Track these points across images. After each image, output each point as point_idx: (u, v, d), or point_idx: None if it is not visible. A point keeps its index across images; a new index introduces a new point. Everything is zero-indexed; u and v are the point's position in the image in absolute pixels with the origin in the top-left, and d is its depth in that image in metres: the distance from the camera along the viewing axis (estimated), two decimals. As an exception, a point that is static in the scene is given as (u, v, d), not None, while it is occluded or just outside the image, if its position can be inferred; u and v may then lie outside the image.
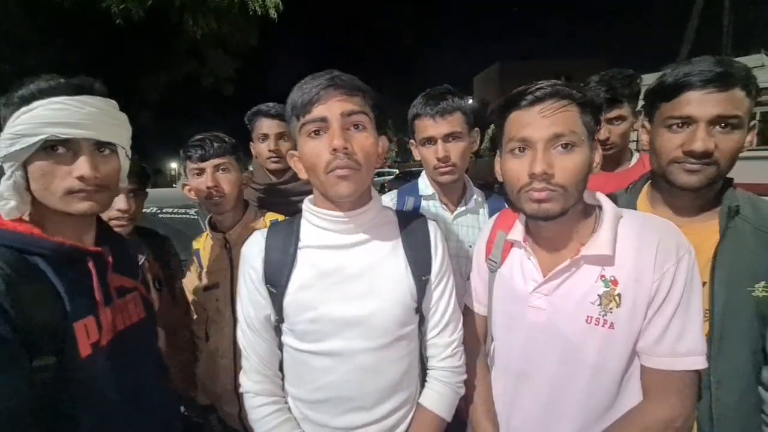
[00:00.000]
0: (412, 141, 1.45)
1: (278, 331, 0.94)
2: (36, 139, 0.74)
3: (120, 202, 1.30)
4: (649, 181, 1.09)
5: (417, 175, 1.62)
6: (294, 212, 1.06)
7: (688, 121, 0.91)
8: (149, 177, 1.45)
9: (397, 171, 23.00)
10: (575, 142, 0.79)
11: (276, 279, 0.89)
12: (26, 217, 0.79)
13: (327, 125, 0.80)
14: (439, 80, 1.42)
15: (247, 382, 0.94)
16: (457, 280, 1.41)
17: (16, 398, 0.64)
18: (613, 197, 1.02)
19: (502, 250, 1.00)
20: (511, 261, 0.98)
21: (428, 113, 1.31)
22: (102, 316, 0.80)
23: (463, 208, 1.43)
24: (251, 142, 1.78)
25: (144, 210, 1.49)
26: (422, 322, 0.99)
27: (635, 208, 1.04)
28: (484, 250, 1.08)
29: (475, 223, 1.44)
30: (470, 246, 1.40)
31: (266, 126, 1.70)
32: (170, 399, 1.04)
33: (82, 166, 0.78)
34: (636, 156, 1.62)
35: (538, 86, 0.81)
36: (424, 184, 1.46)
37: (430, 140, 1.33)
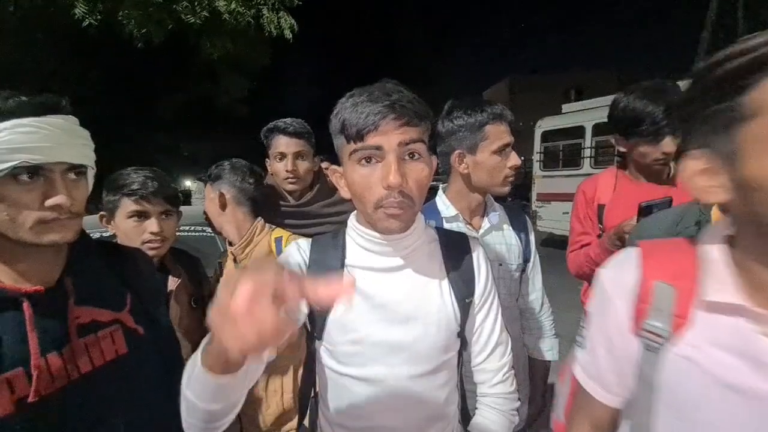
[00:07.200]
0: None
1: (312, 354, 0.90)
2: (5, 166, 0.64)
3: (152, 225, 1.27)
4: None
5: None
6: (316, 233, 1.01)
7: None
8: (180, 198, 1.41)
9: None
10: None
11: None
12: None
13: (382, 155, 0.72)
14: (451, 95, 1.39)
15: None
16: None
17: None
18: None
19: (674, 316, 0.59)
20: (707, 336, 0.56)
21: None
22: (36, 366, 0.68)
23: (488, 226, 1.34)
24: (267, 159, 1.67)
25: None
26: (464, 347, 0.92)
27: None
28: (624, 312, 0.64)
29: (501, 240, 1.36)
30: (500, 264, 1.32)
31: (284, 144, 1.59)
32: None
33: (59, 194, 0.70)
34: None
35: None
36: (444, 205, 1.36)
37: None
